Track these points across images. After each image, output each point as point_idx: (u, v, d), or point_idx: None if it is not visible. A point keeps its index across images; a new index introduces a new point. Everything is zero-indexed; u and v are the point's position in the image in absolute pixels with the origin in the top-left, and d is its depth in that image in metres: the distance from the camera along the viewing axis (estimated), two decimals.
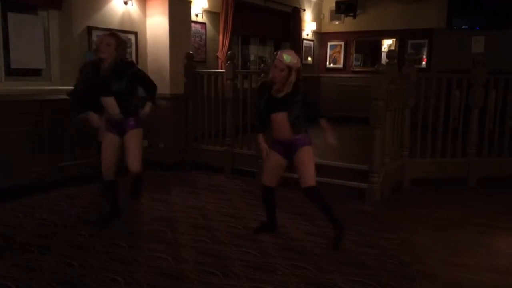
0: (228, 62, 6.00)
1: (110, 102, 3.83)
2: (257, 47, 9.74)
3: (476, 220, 4.33)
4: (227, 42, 7.92)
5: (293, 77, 3.38)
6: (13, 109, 4.80)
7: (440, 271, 3.24)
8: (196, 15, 7.49)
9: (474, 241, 3.82)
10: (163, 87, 5.89)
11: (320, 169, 3.62)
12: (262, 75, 5.51)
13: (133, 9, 6.14)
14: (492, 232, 4.05)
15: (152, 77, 4.26)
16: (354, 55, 10.84)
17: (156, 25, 6.25)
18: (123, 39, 3.93)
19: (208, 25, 7.85)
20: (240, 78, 6.15)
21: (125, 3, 5.99)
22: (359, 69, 10.70)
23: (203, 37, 7.75)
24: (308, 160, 3.51)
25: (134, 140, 3.91)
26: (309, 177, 3.49)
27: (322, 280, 3.04)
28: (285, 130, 3.48)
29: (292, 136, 3.49)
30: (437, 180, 5.45)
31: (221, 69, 7.38)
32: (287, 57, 3.34)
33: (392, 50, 9.23)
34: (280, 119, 3.47)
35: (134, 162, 3.90)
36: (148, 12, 6.32)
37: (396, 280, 3.06)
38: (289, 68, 3.34)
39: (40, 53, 5.45)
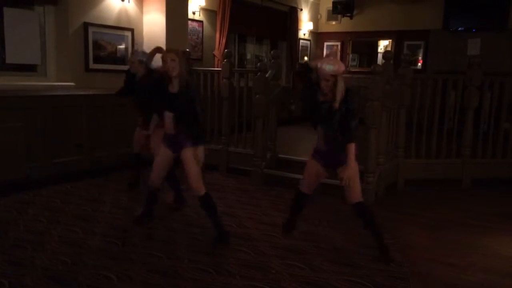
0: (225, 60, 6.00)
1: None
2: (254, 46, 9.75)
3: (470, 221, 4.35)
4: (224, 41, 7.92)
5: (341, 84, 3.15)
6: (8, 104, 4.77)
7: (434, 271, 3.25)
8: (193, 13, 7.49)
9: (467, 242, 3.84)
10: None
11: None
12: (258, 73, 5.50)
13: (130, 5, 6.12)
14: (486, 233, 4.07)
15: None
16: (351, 55, 10.87)
17: (153, 22, 6.24)
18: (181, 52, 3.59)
19: (205, 23, 7.86)
20: (237, 77, 6.14)
21: None
22: (355, 69, 10.73)
23: (200, 35, 7.75)
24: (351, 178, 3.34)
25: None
26: (352, 194, 3.40)
27: (316, 279, 3.04)
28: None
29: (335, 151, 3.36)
30: (431, 181, 5.46)
31: (217, 67, 7.37)
32: (329, 66, 3.14)
33: (388, 51, 9.23)
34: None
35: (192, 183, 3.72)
36: (145, 9, 6.30)
37: (390, 279, 3.07)
38: (334, 76, 3.15)
39: (36, 48, 5.43)
